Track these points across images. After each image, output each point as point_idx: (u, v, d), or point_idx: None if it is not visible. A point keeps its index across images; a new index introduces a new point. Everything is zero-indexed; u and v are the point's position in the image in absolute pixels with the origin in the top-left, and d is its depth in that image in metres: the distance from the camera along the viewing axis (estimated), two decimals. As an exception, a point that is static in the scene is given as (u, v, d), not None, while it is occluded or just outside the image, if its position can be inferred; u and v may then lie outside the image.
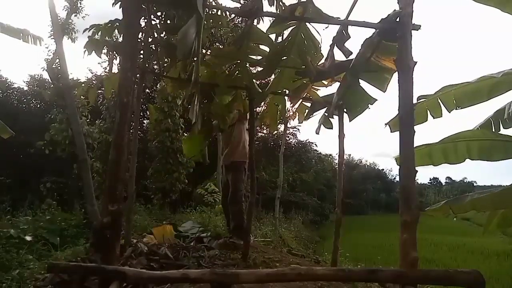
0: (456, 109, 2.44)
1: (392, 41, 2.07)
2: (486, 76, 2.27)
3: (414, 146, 1.79)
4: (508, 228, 2.68)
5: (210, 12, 2.65)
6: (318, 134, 3.52)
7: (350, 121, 2.97)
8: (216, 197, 10.31)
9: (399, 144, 1.83)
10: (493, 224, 2.51)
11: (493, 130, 2.42)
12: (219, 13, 2.68)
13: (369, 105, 2.73)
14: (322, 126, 3.39)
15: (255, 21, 2.44)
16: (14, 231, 5.08)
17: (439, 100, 2.48)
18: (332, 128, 3.26)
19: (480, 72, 2.34)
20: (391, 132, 2.66)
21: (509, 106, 2.46)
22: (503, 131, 2.49)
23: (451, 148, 2.37)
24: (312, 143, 21.39)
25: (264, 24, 2.71)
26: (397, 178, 1.85)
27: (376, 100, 2.72)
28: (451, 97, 2.41)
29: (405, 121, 1.82)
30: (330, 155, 26.44)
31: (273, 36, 2.52)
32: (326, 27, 2.16)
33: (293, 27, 2.35)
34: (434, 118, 2.54)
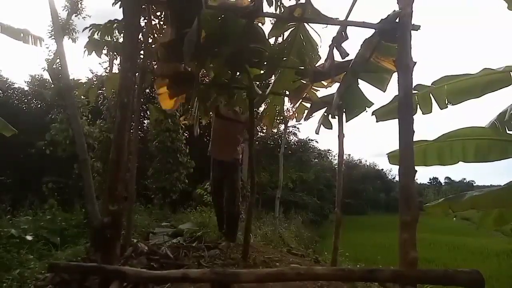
0: (447, 106, 2.42)
1: (392, 41, 2.07)
2: (488, 70, 2.26)
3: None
4: (504, 225, 2.67)
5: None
6: (317, 134, 3.53)
7: (347, 121, 2.99)
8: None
9: (398, 144, 1.83)
10: (488, 221, 2.49)
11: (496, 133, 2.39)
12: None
13: (366, 108, 2.74)
14: (321, 126, 3.40)
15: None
16: (15, 231, 5.08)
17: (431, 95, 2.46)
18: (331, 128, 3.27)
19: (480, 67, 2.32)
20: (376, 121, 2.65)
21: (511, 108, 2.45)
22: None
23: (446, 148, 2.36)
24: (312, 140, 21.42)
25: (264, 26, 2.72)
26: (397, 178, 1.86)
27: (373, 104, 2.74)
28: (443, 93, 2.39)
29: (405, 121, 1.82)
30: (329, 150, 26.40)
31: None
32: (325, 26, 2.16)
33: (292, 28, 2.36)
34: (423, 114, 2.53)
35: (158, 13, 3.12)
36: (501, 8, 2.23)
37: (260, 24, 2.51)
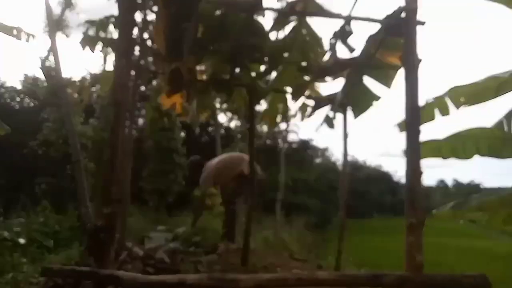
0: (464, 106, 2.42)
1: (398, 36, 2.04)
2: (492, 76, 2.26)
3: (422, 141, 1.77)
4: None
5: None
6: (317, 132, 3.51)
7: (355, 118, 2.94)
8: (214, 199, 10.21)
9: (405, 144, 1.80)
10: (497, 221, 2.48)
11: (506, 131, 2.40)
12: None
13: (373, 102, 2.69)
14: (323, 125, 3.35)
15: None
16: (7, 234, 4.99)
17: (447, 99, 2.46)
18: (333, 127, 3.22)
19: (486, 71, 2.33)
20: (400, 131, 2.65)
21: None
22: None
23: (459, 145, 2.36)
24: (313, 139, 21.46)
25: (264, 20, 2.67)
26: (403, 180, 1.82)
27: (380, 97, 2.69)
28: (459, 96, 2.40)
29: (411, 120, 1.80)
30: (327, 148, 26.31)
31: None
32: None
33: (294, 23, 2.32)
34: (442, 115, 2.52)
35: (154, 9, 3.05)
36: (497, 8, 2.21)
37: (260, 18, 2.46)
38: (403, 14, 1.88)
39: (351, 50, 2.07)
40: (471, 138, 2.31)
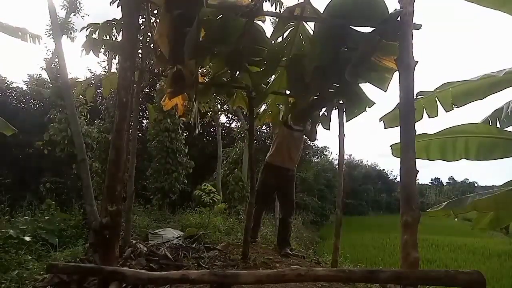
0: (453, 108, 2.43)
1: (393, 40, 2.06)
2: (487, 74, 2.26)
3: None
4: (499, 227, 2.66)
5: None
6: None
7: (346, 121, 2.97)
8: (214, 197, 10.27)
9: (400, 144, 1.82)
10: (483, 222, 2.49)
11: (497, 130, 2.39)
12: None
13: (366, 107, 2.70)
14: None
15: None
16: (13, 232, 5.05)
17: (436, 99, 2.47)
18: (329, 129, 3.26)
19: (481, 71, 2.35)
20: (385, 128, 2.66)
21: (508, 106, 2.46)
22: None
23: (449, 144, 2.36)
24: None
25: (263, 25, 2.70)
26: (398, 178, 1.84)
27: (375, 103, 2.70)
28: (449, 95, 2.40)
29: (406, 121, 1.81)
30: (326, 147, 26.10)
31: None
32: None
33: (292, 28, 2.35)
34: (429, 117, 2.53)
35: (156, 11, 3.10)
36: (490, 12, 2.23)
37: (260, 23, 2.50)
38: (399, 17, 1.89)
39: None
40: (463, 137, 2.30)
